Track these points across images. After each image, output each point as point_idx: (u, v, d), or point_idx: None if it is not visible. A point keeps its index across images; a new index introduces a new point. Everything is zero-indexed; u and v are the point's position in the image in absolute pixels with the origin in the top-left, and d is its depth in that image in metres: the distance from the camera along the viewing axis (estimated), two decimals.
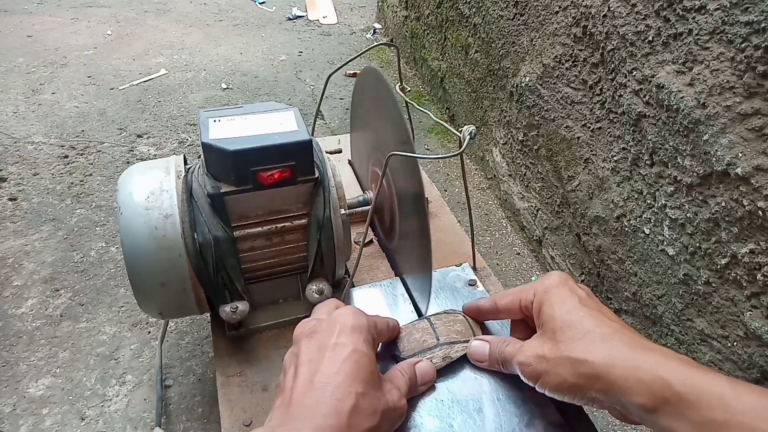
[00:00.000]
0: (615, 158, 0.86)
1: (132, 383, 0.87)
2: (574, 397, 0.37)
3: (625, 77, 0.79)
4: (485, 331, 0.52)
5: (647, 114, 0.76)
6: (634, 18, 0.75)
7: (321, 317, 0.42)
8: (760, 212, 0.61)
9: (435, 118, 0.58)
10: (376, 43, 0.69)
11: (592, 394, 0.36)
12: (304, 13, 2.42)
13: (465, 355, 0.49)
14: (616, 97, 0.82)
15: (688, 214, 0.72)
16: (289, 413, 0.34)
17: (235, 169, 0.49)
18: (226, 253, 0.51)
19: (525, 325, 0.46)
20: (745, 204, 0.62)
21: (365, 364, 0.37)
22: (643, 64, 0.75)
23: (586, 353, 0.36)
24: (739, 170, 0.62)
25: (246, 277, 0.56)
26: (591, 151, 0.92)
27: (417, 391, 0.45)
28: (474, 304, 0.51)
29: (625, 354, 0.35)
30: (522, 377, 0.41)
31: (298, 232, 0.55)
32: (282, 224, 0.54)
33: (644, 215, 0.81)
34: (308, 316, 0.44)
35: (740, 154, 0.61)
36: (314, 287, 0.57)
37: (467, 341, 0.49)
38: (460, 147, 0.49)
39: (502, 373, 0.48)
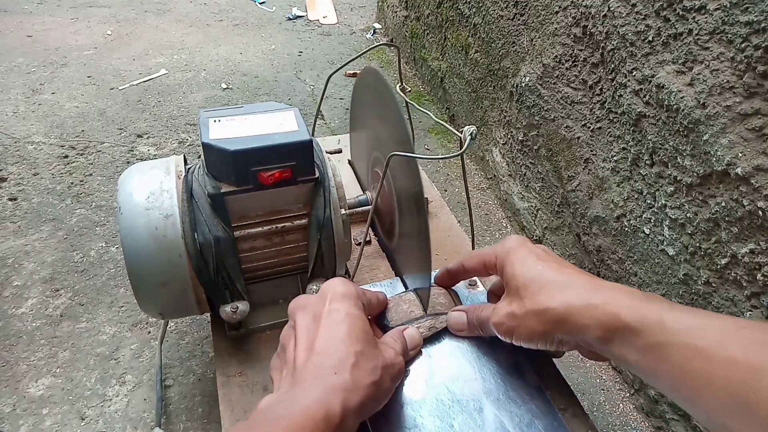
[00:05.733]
0: (615, 158, 0.86)
1: (132, 383, 0.87)
2: (545, 343, 0.41)
3: (625, 77, 0.79)
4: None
5: (647, 114, 0.76)
6: (634, 18, 0.75)
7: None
8: (760, 212, 0.61)
9: (435, 118, 0.57)
10: (376, 44, 0.69)
11: (558, 336, 0.40)
12: (304, 13, 2.42)
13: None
14: (616, 97, 0.82)
15: (688, 214, 0.72)
16: (296, 379, 0.36)
17: (235, 169, 0.49)
18: (226, 253, 0.51)
19: (496, 298, 0.50)
20: (745, 204, 0.62)
21: (360, 325, 0.40)
22: (643, 64, 0.75)
23: (547, 302, 0.40)
24: (739, 170, 0.62)
25: (246, 277, 0.56)
26: (591, 151, 0.92)
27: (408, 356, 0.48)
28: (443, 270, 0.55)
29: (581, 295, 0.39)
30: (498, 335, 0.45)
31: (298, 232, 0.55)
32: (282, 224, 0.54)
33: (644, 215, 0.81)
34: None
35: (740, 154, 0.61)
36: (314, 287, 0.57)
37: None
38: (461, 147, 0.49)
39: (502, 372, 0.48)
